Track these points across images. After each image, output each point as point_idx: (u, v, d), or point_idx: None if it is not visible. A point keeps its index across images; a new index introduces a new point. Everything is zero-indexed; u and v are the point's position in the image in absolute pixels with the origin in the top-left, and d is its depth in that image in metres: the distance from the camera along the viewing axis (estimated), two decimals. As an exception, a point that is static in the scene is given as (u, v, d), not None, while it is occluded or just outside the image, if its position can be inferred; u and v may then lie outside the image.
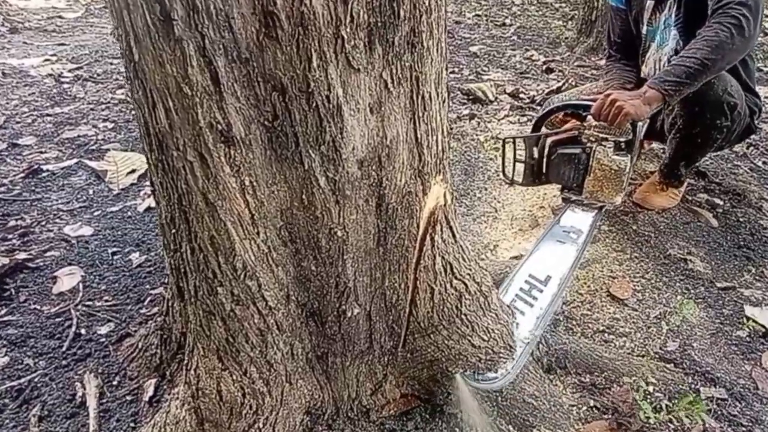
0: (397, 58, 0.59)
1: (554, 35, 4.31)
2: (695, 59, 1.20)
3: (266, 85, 0.55)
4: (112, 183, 1.63)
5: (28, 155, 1.80)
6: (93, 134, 2.01)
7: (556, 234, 1.26)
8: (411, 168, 0.68)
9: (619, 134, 1.28)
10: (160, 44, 0.52)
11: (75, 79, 2.64)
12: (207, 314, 0.71)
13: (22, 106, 2.27)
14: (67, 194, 1.56)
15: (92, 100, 2.38)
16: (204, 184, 0.60)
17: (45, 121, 2.12)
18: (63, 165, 1.74)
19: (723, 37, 1.19)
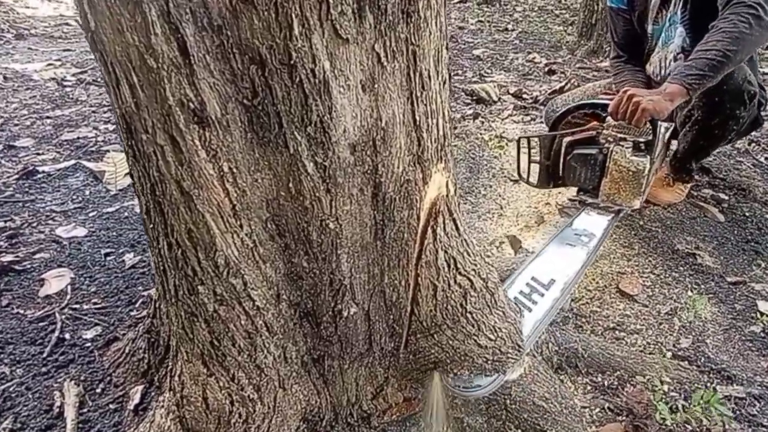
0: (390, 28, 0.51)
1: (555, 39, 4.23)
2: (717, 51, 1.12)
3: (243, 57, 0.47)
4: (110, 184, 1.55)
5: (24, 157, 1.73)
6: (93, 136, 1.93)
7: (567, 237, 1.14)
8: (409, 153, 0.60)
9: (639, 134, 1.17)
10: (117, 7, 0.44)
11: (78, 83, 2.58)
12: (189, 315, 0.63)
13: (22, 109, 2.20)
14: (62, 195, 1.49)
15: (94, 103, 2.31)
16: (177, 171, 0.52)
17: (44, 123, 2.05)
18: (60, 166, 1.66)
19: (742, 28, 1.11)
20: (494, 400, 0.78)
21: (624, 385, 0.86)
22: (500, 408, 0.77)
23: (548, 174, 1.33)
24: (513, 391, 0.78)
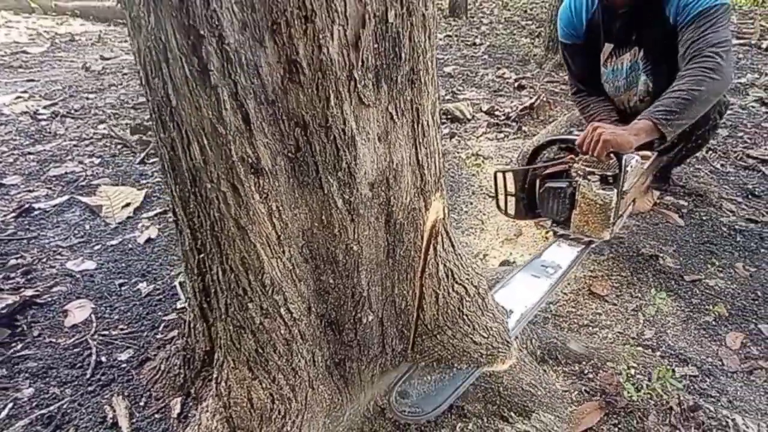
0: (400, 93, 0.70)
1: (523, 53, 4.55)
2: (683, 92, 1.31)
3: (290, 122, 0.66)
4: (108, 217, 1.68)
5: (16, 194, 1.84)
6: (81, 170, 2.05)
7: (534, 267, 1.25)
8: (414, 187, 0.79)
9: (607, 168, 1.29)
10: (198, 91, 0.62)
11: (53, 116, 2.68)
12: (237, 329, 0.79)
13: (0, 146, 2.30)
14: (63, 231, 1.61)
15: (74, 137, 2.43)
16: (236, 211, 0.69)
17: (28, 159, 2.16)
18: (54, 202, 1.78)
19: (704, 76, 1.31)
20: (489, 388, 0.97)
21: (597, 372, 1.06)
22: (495, 394, 0.96)
23: (524, 206, 1.45)
24: (505, 380, 0.97)
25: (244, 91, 0.62)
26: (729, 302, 1.36)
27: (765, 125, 2.89)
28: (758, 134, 2.76)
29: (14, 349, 1.10)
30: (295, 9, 0.58)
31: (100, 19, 6.35)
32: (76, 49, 4.70)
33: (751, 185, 2.10)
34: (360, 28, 0.62)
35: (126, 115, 2.77)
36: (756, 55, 5.12)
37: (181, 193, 0.78)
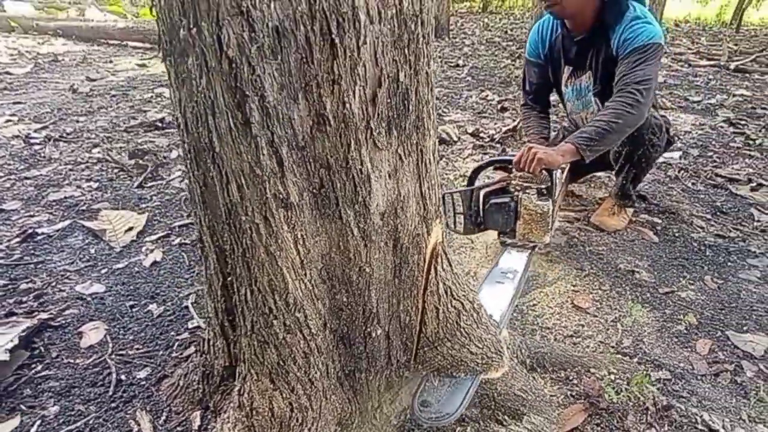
0: (407, 138, 0.84)
1: (505, 74, 4.79)
2: (602, 122, 1.53)
3: (316, 163, 0.78)
4: (112, 241, 1.77)
5: (17, 220, 1.91)
6: (80, 195, 2.13)
7: (496, 276, 1.44)
8: (418, 215, 0.92)
9: (540, 182, 1.51)
10: (240, 140, 0.74)
11: (46, 140, 2.75)
12: (262, 344, 0.90)
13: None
14: (69, 255, 1.69)
15: (69, 161, 2.50)
16: (267, 240, 0.81)
17: (25, 184, 2.23)
18: (57, 227, 1.86)
19: (623, 111, 1.53)
20: (485, 394, 1.09)
21: (581, 378, 1.19)
22: (490, 400, 1.08)
23: (471, 222, 1.62)
24: (499, 387, 1.09)
25: (279, 139, 0.74)
26: (699, 312, 1.51)
27: (732, 145, 3.13)
28: (726, 154, 2.99)
29: (35, 370, 1.18)
30: (324, 74, 0.71)
31: (83, 38, 6.41)
32: (61, 70, 4.76)
33: (719, 203, 2.30)
34: (377, 87, 0.76)
35: (119, 139, 2.85)
36: (725, 75, 5.46)
37: (210, 223, 0.90)
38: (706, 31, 9.63)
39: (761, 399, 1.18)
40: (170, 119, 3.18)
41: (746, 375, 1.28)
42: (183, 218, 1.95)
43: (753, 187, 2.51)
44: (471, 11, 13.10)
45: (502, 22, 10.51)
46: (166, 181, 2.30)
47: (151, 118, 3.15)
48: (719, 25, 11.17)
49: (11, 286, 1.50)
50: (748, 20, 11.22)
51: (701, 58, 6.31)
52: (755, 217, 2.16)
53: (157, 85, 4.26)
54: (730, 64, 5.80)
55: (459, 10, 12.95)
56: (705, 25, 11.02)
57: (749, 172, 2.69)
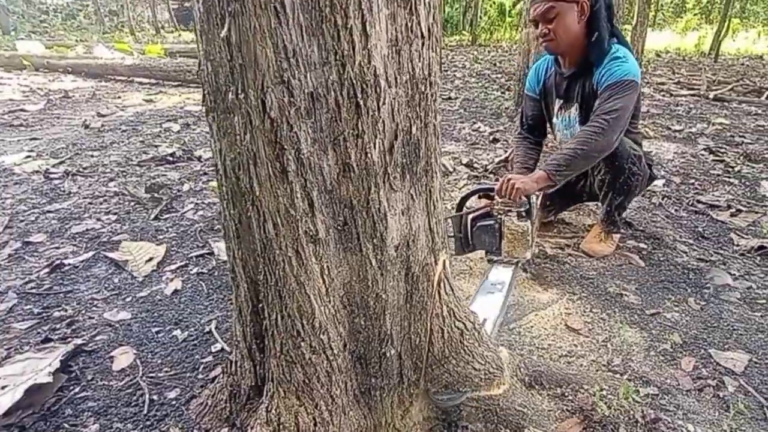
0: (418, 180, 0.96)
1: (495, 106, 4.98)
2: (570, 150, 1.70)
3: (341, 204, 0.90)
4: (134, 271, 1.86)
5: (44, 251, 2.01)
6: (100, 227, 2.24)
7: (487, 288, 1.66)
8: (427, 247, 1.03)
9: (519, 206, 1.71)
10: (277, 185, 0.86)
11: (64, 175, 2.87)
12: (290, 364, 1.00)
13: (19, 205, 2.47)
14: (95, 284, 1.78)
15: (87, 195, 2.61)
16: (297, 271, 0.92)
17: (48, 217, 2.33)
18: (81, 258, 1.95)
19: (588, 138, 1.70)
20: (488, 410, 1.18)
21: (576, 393, 1.29)
22: (493, 414, 1.17)
23: (461, 243, 1.79)
24: (500, 402, 1.19)
25: (311, 184, 0.86)
26: (683, 332, 1.61)
27: (713, 172, 3.28)
28: (707, 181, 3.13)
29: (74, 392, 1.26)
30: (350, 129, 0.84)
31: (92, 75, 6.61)
32: (72, 107, 4.91)
33: (701, 228, 2.42)
34: (393, 139, 0.88)
35: (133, 173, 2.97)
36: (705, 104, 5.68)
37: (243, 256, 1.01)
38: (686, 61, 9.98)
39: (740, 411, 1.27)
40: (180, 153, 3.31)
41: (728, 390, 1.37)
42: (199, 249, 2.05)
43: (732, 213, 2.64)
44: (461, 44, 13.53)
45: (491, 54, 10.87)
46: (180, 214, 2.40)
47: (162, 153, 3.28)
48: (698, 55, 11.56)
49: (45, 314, 1.59)
50: (725, 51, 11.64)
51: (682, 88, 6.57)
52: (734, 241, 2.29)
53: (164, 119, 4.41)
54: (709, 93, 6.05)
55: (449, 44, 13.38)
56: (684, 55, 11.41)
57: (728, 198, 2.83)
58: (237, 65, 0.80)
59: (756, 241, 2.27)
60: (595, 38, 1.81)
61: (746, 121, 4.81)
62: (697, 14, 19.42)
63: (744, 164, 3.47)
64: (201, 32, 0.86)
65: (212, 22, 0.82)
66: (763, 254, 2.16)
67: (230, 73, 0.82)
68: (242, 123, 0.84)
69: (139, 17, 17.71)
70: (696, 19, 18.25)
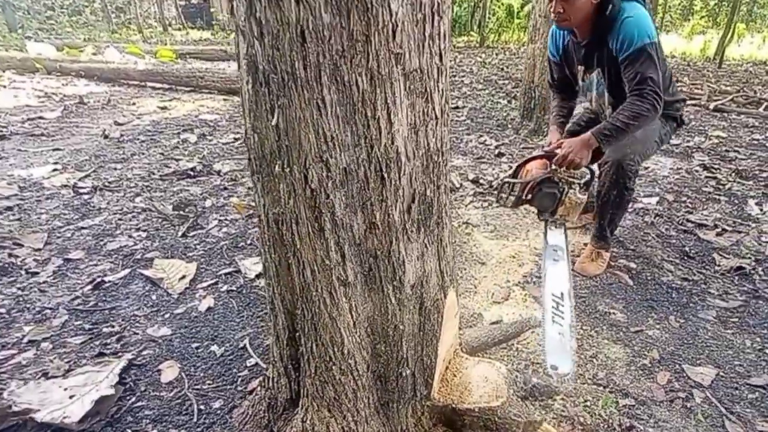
0: (431, 232, 1.16)
1: (501, 116, 5.15)
2: (621, 122, 1.89)
3: (367, 254, 1.10)
4: (169, 289, 2.07)
5: (84, 268, 2.22)
6: (132, 244, 2.44)
7: (550, 254, 1.92)
8: (438, 286, 1.24)
9: (581, 177, 1.98)
10: (315, 240, 1.06)
11: (93, 190, 3.07)
12: (322, 383, 1.21)
13: (54, 220, 2.68)
14: (134, 301, 1.99)
15: (116, 210, 2.82)
16: (330, 308, 1.12)
17: (83, 234, 2.54)
18: (119, 275, 2.16)
19: (641, 111, 1.87)
20: (488, 419, 1.39)
21: (564, 404, 1.49)
22: (492, 422, 1.38)
23: (518, 201, 2.07)
24: (499, 412, 1.39)
25: (343, 240, 1.07)
26: (662, 348, 1.81)
27: (705, 190, 3.46)
28: (698, 199, 3.30)
29: (131, 402, 1.47)
30: (376, 196, 1.04)
31: (104, 79, 6.81)
32: (89, 114, 5.11)
33: (688, 247, 2.61)
34: (411, 202, 1.08)
35: (156, 188, 3.18)
36: (704, 116, 5.82)
37: (282, 293, 1.21)
38: (690, 67, 10.09)
39: (699, 420, 1.48)
40: (200, 168, 3.51)
41: (695, 401, 1.57)
42: (226, 267, 2.26)
43: (718, 233, 2.81)
44: (469, 46, 13.64)
45: (499, 57, 11.00)
46: (206, 231, 2.61)
47: (183, 167, 3.48)
48: (703, 60, 11.62)
49: (95, 329, 1.80)
50: (730, 56, 11.70)
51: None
52: (716, 261, 2.47)
53: (181, 129, 4.61)
54: (709, 104, 6.19)
55: (457, 45, 13.50)
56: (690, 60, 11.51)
57: (716, 217, 3.00)
58: (284, 145, 1.00)
59: (736, 261, 2.45)
60: (609, 12, 1.92)
61: (742, 134, 4.96)
62: (704, 17, 19.27)
63: (735, 181, 3.63)
64: (249, 110, 1.06)
65: (261, 107, 1.02)
66: (741, 274, 2.35)
67: (277, 150, 1.02)
68: (287, 190, 1.05)
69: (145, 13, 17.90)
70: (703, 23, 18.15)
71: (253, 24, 0.90)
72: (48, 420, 1.30)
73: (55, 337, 1.76)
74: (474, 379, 1.42)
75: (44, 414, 1.30)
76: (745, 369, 1.73)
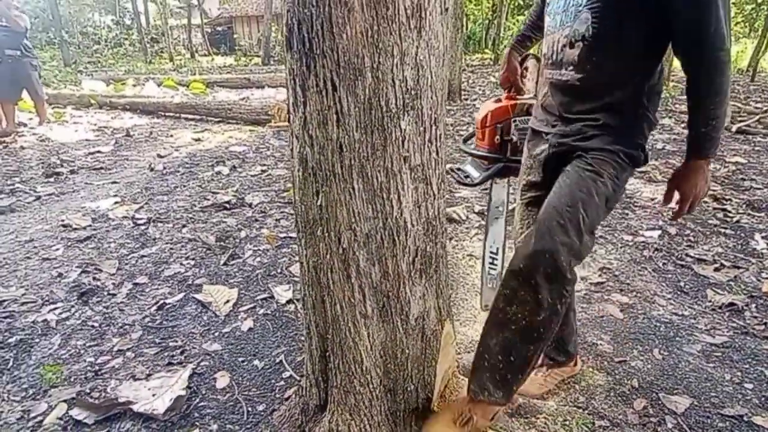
0: (430, 277, 1.55)
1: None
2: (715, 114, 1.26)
3: (382, 294, 1.49)
4: (217, 311, 2.51)
5: (150, 292, 2.68)
6: (184, 271, 2.90)
7: (493, 213, 2.14)
8: (436, 318, 1.62)
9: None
10: (344, 284, 1.46)
11: (148, 221, 3.57)
12: (346, 393, 1.59)
13: (121, 249, 3.16)
14: (190, 321, 2.43)
15: (167, 240, 3.29)
16: (353, 335, 1.51)
17: (144, 261, 3.01)
18: (177, 299, 2.61)
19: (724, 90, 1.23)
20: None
21: (546, 423, 1.83)
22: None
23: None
24: (489, 430, 1.75)
25: (365, 285, 1.46)
26: (642, 378, 2.11)
27: (710, 222, 3.60)
28: (701, 232, 3.47)
29: (196, 402, 1.89)
30: (389, 253, 1.44)
31: (145, 112, 7.57)
32: (135, 146, 5.73)
33: (683, 282, 2.87)
34: (415, 256, 1.48)
35: (198, 219, 3.66)
36: (726, 138, 5.70)
37: (317, 320, 1.61)
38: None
39: (665, 440, 1.80)
40: (235, 201, 4.00)
41: (667, 426, 1.87)
42: (262, 293, 2.69)
43: (716, 268, 3.03)
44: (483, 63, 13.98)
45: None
46: (243, 260, 3.06)
47: (220, 200, 3.97)
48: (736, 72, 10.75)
49: (163, 343, 2.23)
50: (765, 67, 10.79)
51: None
52: (709, 297, 2.74)
53: (214, 161, 5.16)
54: (732, 126, 6.08)
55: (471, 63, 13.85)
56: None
57: (718, 251, 3.19)
58: (324, 217, 1.42)
59: (729, 297, 2.71)
60: None
61: (764, 160, 4.94)
62: (738, 23, 17.26)
63: (745, 213, 3.74)
64: (299, 189, 1.48)
65: (308, 189, 1.43)
66: (733, 310, 2.61)
67: (319, 219, 1.44)
68: (325, 248, 1.45)
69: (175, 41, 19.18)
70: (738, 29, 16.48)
71: (306, 136, 1.32)
72: (142, 411, 1.74)
73: (135, 348, 2.21)
74: (469, 396, 1.78)
75: (139, 406, 1.74)
76: (720, 400, 1.99)
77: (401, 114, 1.28)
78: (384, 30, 1.19)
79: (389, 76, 1.24)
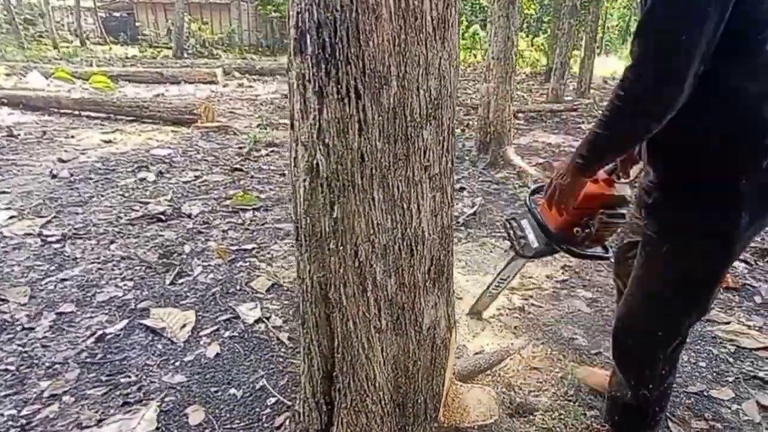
0: (442, 285, 1.60)
1: (458, 147, 5.73)
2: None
3: (397, 306, 1.52)
4: (174, 337, 2.36)
5: (80, 321, 2.45)
6: (122, 294, 2.69)
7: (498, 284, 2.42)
8: (446, 327, 1.67)
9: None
10: (359, 299, 1.47)
11: (63, 238, 3.26)
12: (357, 412, 1.60)
13: (29, 272, 2.86)
14: (141, 351, 2.27)
15: (93, 259, 3.04)
16: (367, 350, 1.53)
17: (66, 285, 2.75)
18: (119, 327, 2.42)
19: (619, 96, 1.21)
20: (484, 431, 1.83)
21: (544, 417, 1.97)
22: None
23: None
24: (493, 428, 1.84)
25: (380, 296, 1.48)
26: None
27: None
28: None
29: (170, 445, 1.78)
30: (407, 264, 1.47)
31: (31, 108, 6.78)
32: (25, 149, 5.17)
33: (634, 274, 3.21)
34: (431, 265, 1.52)
35: (128, 233, 3.41)
36: None
37: (320, 339, 1.60)
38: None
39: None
40: (170, 211, 3.77)
41: (647, 409, 2.10)
42: (224, 313, 2.58)
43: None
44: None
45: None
46: (193, 278, 2.91)
47: (152, 211, 3.73)
48: None
49: (112, 380, 2.07)
50: None
51: None
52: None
53: (135, 166, 4.81)
54: None
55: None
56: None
57: None
58: (339, 230, 1.41)
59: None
60: None
61: None
62: None
63: None
64: (304, 200, 1.46)
65: (318, 200, 1.42)
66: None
67: (332, 232, 1.43)
68: (338, 262, 1.45)
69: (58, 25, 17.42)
70: None
71: (321, 145, 1.31)
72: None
73: (73, 390, 2.02)
74: (470, 402, 1.86)
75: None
76: (683, 379, 2.29)
77: (424, 123, 1.32)
78: (411, 39, 1.22)
79: (414, 86, 1.27)
